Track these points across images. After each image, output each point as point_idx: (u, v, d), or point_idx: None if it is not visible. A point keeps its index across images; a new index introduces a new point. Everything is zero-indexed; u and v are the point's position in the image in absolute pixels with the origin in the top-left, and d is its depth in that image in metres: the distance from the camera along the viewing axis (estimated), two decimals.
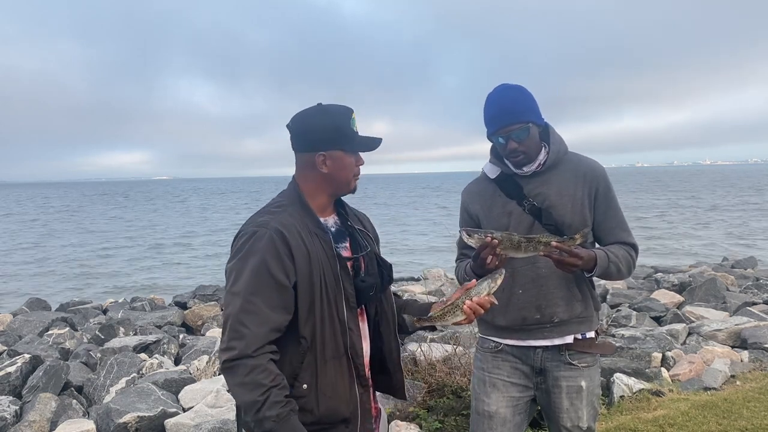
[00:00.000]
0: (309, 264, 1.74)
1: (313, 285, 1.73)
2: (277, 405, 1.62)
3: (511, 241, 2.06)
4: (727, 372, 5.46)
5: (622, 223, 2.33)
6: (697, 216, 33.75)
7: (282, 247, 1.71)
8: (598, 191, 2.28)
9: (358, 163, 1.90)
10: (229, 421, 4.33)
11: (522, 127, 2.20)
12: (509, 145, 2.21)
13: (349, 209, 2.02)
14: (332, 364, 1.77)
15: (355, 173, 1.90)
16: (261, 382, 1.63)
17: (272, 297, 1.69)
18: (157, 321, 9.65)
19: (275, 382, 1.65)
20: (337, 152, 1.84)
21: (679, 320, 8.05)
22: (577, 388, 2.28)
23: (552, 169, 2.29)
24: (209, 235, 31.17)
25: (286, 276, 1.70)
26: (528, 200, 2.27)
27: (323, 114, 1.84)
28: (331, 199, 1.93)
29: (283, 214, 1.79)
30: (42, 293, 14.68)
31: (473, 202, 2.43)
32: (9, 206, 71.42)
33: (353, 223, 1.96)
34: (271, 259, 1.69)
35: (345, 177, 1.88)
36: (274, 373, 1.67)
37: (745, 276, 12.46)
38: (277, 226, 1.74)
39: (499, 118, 2.21)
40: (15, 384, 5.60)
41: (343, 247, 1.88)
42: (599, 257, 2.17)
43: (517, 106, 2.21)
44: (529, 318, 2.27)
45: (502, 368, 2.35)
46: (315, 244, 1.78)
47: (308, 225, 1.80)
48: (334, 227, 1.92)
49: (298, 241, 1.74)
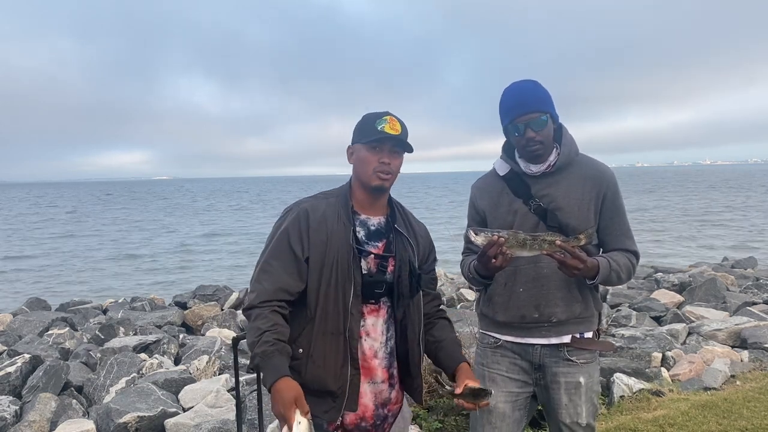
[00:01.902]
0: (326, 245, 1.95)
1: (324, 265, 1.93)
2: (266, 344, 1.83)
3: (516, 239, 2.08)
4: (727, 372, 5.46)
5: (626, 230, 2.33)
6: (702, 216, 33.74)
7: (304, 224, 1.96)
8: (606, 196, 2.28)
9: (380, 159, 1.99)
10: (229, 421, 4.33)
11: (540, 115, 2.20)
12: (527, 134, 2.21)
13: (402, 215, 2.15)
14: (329, 338, 1.94)
15: (378, 169, 2.00)
16: (259, 326, 1.86)
17: (288, 263, 1.94)
18: (157, 321, 9.65)
19: (270, 328, 1.85)
20: (358, 145, 2.04)
21: (679, 320, 8.05)
22: (575, 384, 2.29)
23: (561, 171, 2.29)
24: (209, 236, 31.19)
25: (301, 249, 1.94)
26: (535, 200, 2.27)
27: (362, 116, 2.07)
28: (370, 195, 2.05)
29: (321, 200, 2.04)
30: (43, 293, 14.68)
31: (481, 197, 2.43)
32: (19, 206, 71.39)
33: (399, 227, 2.08)
34: (293, 233, 1.95)
35: (364, 170, 2.01)
36: (273, 320, 1.87)
37: (745, 276, 12.46)
38: (306, 207, 2.00)
39: (517, 107, 2.22)
40: (15, 384, 5.61)
41: (373, 245, 2.03)
42: (602, 266, 2.17)
43: (536, 96, 2.23)
44: (528, 316, 2.28)
45: (502, 364, 2.36)
46: (339, 231, 1.96)
47: (341, 214, 2.00)
48: (376, 226, 2.07)
49: (320, 224, 1.96)
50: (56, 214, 53.44)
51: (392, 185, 2.08)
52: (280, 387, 1.77)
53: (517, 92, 2.25)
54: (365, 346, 2.01)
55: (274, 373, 1.80)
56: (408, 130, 2.07)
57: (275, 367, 1.81)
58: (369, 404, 2.03)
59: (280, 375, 1.79)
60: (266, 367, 1.82)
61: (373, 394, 2.04)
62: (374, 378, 2.04)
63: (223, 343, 7.29)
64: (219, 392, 4.87)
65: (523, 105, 2.21)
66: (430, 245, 2.22)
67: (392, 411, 2.10)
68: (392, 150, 2.01)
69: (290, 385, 1.79)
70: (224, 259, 22.70)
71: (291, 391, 1.77)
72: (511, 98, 2.26)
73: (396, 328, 2.06)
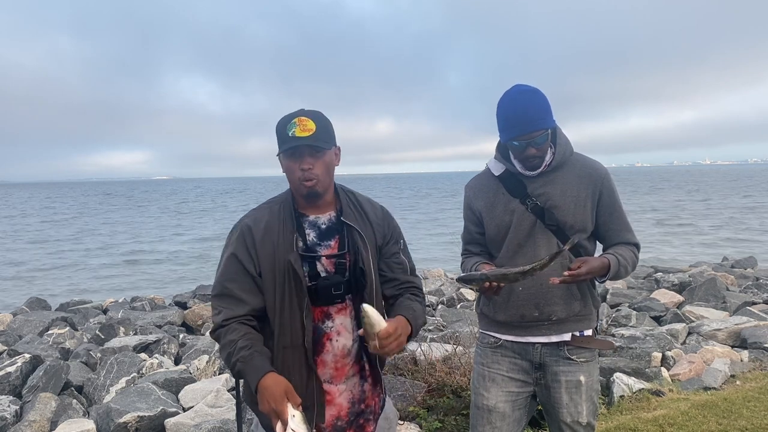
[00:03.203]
0: (273, 257, 1.90)
1: (276, 277, 1.89)
2: (243, 349, 1.82)
3: (506, 279, 2.10)
4: (727, 372, 5.46)
5: (625, 223, 2.35)
6: (703, 215, 33.73)
7: (249, 240, 1.92)
8: (602, 193, 2.30)
9: (302, 166, 1.90)
10: (229, 421, 4.33)
11: (543, 134, 2.18)
12: (528, 151, 2.20)
13: (351, 204, 2.05)
14: (289, 352, 1.90)
15: (301, 177, 1.90)
16: (231, 339, 1.85)
17: (243, 282, 1.91)
18: (157, 321, 9.65)
19: (242, 337, 1.85)
20: (280, 155, 1.95)
21: (679, 320, 8.05)
22: (576, 382, 2.30)
23: (557, 170, 2.30)
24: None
25: (252, 265, 1.91)
26: (531, 199, 2.28)
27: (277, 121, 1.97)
28: (306, 200, 1.97)
29: (264, 211, 1.99)
30: (43, 293, 14.68)
31: (477, 198, 2.43)
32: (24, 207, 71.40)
33: (348, 220, 1.99)
34: (240, 252, 1.92)
35: (291, 180, 1.95)
36: (243, 331, 1.87)
37: (745, 276, 12.46)
38: (248, 222, 1.96)
39: (520, 125, 2.17)
40: (15, 384, 5.60)
41: (326, 245, 1.96)
42: (612, 264, 2.19)
43: (537, 112, 2.17)
44: (527, 315, 2.29)
45: (502, 363, 2.37)
46: (285, 239, 1.91)
47: (285, 221, 1.95)
48: (326, 224, 1.99)
49: (265, 236, 1.91)
50: (57, 214, 53.43)
51: (329, 184, 1.99)
52: (268, 383, 1.74)
53: (519, 109, 2.17)
54: (337, 346, 1.96)
55: (257, 372, 1.77)
56: (327, 122, 1.94)
57: (257, 367, 1.78)
58: (343, 403, 2.00)
59: (264, 371, 1.77)
60: (248, 369, 1.79)
61: (348, 392, 2.01)
62: (346, 375, 2.00)
63: None
64: (219, 392, 4.87)
65: (526, 125, 2.16)
66: (389, 227, 2.10)
67: (370, 406, 2.05)
68: (310, 154, 1.89)
69: (277, 379, 1.76)
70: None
71: (280, 385, 1.74)
72: (512, 115, 2.18)
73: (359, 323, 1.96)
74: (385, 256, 2.07)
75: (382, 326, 1.78)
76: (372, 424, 2.06)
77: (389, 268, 2.07)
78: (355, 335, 1.97)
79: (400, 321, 1.88)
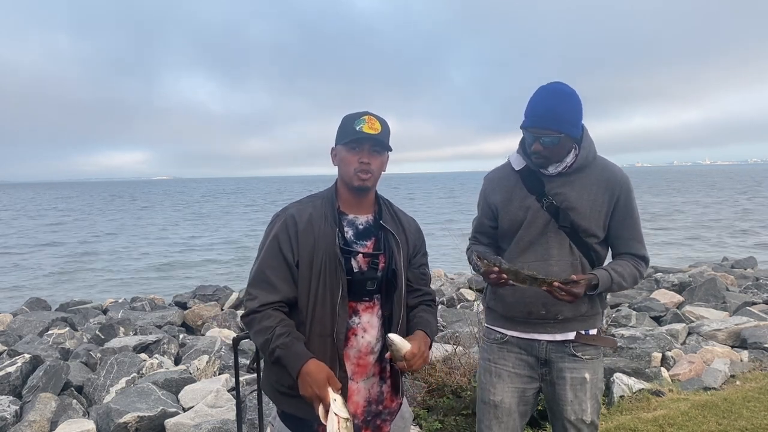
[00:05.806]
0: (313, 248, 1.97)
1: (313, 267, 1.96)
2: (282, 336, 1.88)
3: (516, 276, 2.14)
4: (727, 372, 5.46)
5: (637, 234, 2.33)
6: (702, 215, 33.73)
7: (292, 229, 1.98)
8: (619, 199, 2.28)
9: (360, 159, 2.00)
10: (229, 421, 4.33)
11: (554, 135, 2.17)
12: (534, 146, 2.21)
13: (389, 211, 2.16)
14: (317, 341, 1.96)
15: (358, 169, 2.00)
16: (267, 325, 1.91)
17: (280, 270, 1.97)
18: (157, 321, 9.66)
19: (279, 323, 1.91)
20: (339, 147, 2.05)
21: (679, 320, 8.06)
22: (581, 379, 2.31)
23: (578, 172, 2.28)
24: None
25: (291, 254, 1.97)
26: (548, 198, 2.27)
27: (342, 117, 2.07)
28: (355, 195, 2.07)
29: (307, 204, 2.06)
30: (43, 293, 14.68)
31: (494, 191, 2.42)
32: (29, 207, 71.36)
33: (386, 224, 2.10)
34: (282, 239, 1.98)
35: (346, 171, 2.03)
36: (279, 317, 1.93)
37: (745, 276, 12.47)
38: (292, 212, 2.03)
39: (536, 117, 2.18)
40: (15, 384, 5.61)
41: (362, 244, 2.05)
42: (601, 281, 2.19)
43: (558, 113, 2.16)
44: (534, 313, 2.29)
45: (508, 359, 2.38)
46: (326, 233, 1.99)
47: (327, 216, 2.02)
48: (364, 225, 2.09)
49: (307, 228, 1.99)
50: (56, 215, 53.42)
51: (376, 183, 2.09)
52: (311, 368, 1.82)
53: (546, 103, 2.18)
54: (362, 343, 2.03)
55: (299, 359, 1.85)
56: (389, 129, 2.06)
57: (298, 354, 1.86)
58: (360, 401, 2.05)
59: (307, 357, 1.85)
60: (289, 355, 1.86)
61: (366, 391, 2.06)
62: (367, 374, 2.06)
63: (223, 343, 7.29)
64: (219, 392, 4.88)
65: (542, 119, 2.17)
66: (420, 239, 2.23)
67: (388, 408, 2.11)
68: (371, 150, 2.00)
69: (319, 365, 1.84)
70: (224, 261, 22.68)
71: (322, 371, 1.83)
72: (537, 106, 2.19)
73: (386, 326, 2.08)
74: (413, 267, 2.17)
75: (407, 348, 1.92)
76: (388, 425, 2.12)
77: (415, 278, 2.17)
78: (380, 334, 2.06)
79: (421, 338, 2.00)
